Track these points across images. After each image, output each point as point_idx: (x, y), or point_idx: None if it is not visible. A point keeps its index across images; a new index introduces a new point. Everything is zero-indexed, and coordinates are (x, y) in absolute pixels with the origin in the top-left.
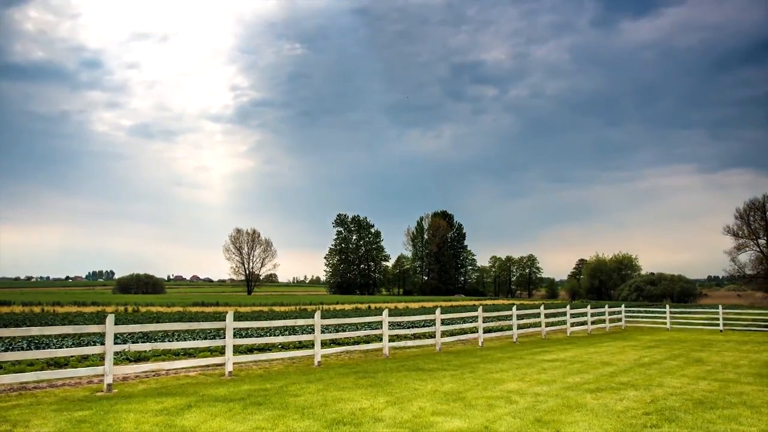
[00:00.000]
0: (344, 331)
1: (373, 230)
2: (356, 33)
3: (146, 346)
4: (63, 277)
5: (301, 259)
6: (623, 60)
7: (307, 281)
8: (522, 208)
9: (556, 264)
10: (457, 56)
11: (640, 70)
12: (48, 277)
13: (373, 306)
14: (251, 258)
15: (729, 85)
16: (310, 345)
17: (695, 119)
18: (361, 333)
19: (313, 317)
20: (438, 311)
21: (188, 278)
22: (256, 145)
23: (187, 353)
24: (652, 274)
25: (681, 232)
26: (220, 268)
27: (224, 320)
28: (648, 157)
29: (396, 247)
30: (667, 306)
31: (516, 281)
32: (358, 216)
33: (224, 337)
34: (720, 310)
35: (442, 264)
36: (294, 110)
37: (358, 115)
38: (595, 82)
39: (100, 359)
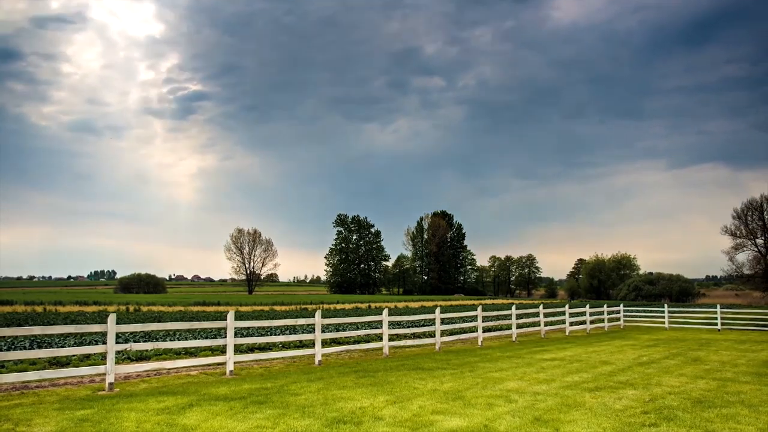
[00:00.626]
0: (344, 330)
1: (373, 230)
2: (280, 20)
3: (148, 346)
4: (65, 276)
5: (299, 259)
6: (561, 44)
7: (307, 281)
8: (497, 206)
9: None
10: (394, 44)
11: (582, 54)
12: (50, 277)
13: (373, 305)
14: (252, 258)
15: (677, 71)
16: (310, 344)
17: (651, 110)
18: (362, 332)
19: (314, 317)
20: (438, 311)
21: (189, 278)
22: (209, 142)
23: (189, 352)
24: (651, 273)
25: (663, 231)
26: (222, 267)
27: (225, 320)
28: (616, 152)
29: (395, 247)
30: (666, 305)
31: (515, 281)
32: (358, 216)
33: (225, 337)
34: (718, 309)
35: (441, 264)
36: (238, 104)
37: (308, 110)
38: (540, 70)
39: (102, 358)
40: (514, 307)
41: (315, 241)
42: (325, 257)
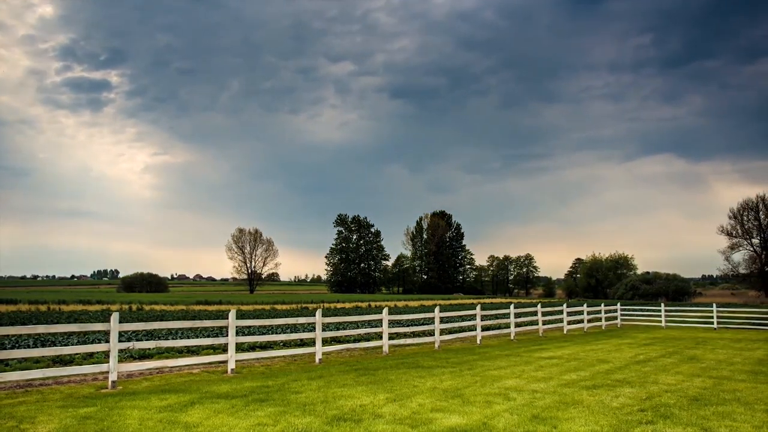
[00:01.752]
0: (345, 329)
1: (373, 230)
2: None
3: (150, 344)
4: (68, 276)
5: (297, 259)
6: (469, 24)
7: (308, 280)
8: (451, 202)
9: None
10: (298, 28)
11: (486, 33)
12: (53, 276)
13: (373, 304)
14: (253, 257)
15: (597, 45)
16: (311, 343)
17: (580, 94)
18: (362, 331)
19: (315, 316)
20: (437, 310)
21: (191, 277)
22: (137, 137)
23: (191, 351)
24: (648, 273)
25: (630, 228)
26: (223, 267)
27: (227, 318)
28: (564, 143)
29: (395, 246)
30: (662, 304)
31: (513, 280)
32: (358, 216)
33: (227, 335)
34: (714, 308)
35: (440, 263)
36: (148, 96)
37: (231, 101)
38: (455, 53)
39: (105, 357)
40: (512, 306)
41: (309, 240)
42: (326, 257)
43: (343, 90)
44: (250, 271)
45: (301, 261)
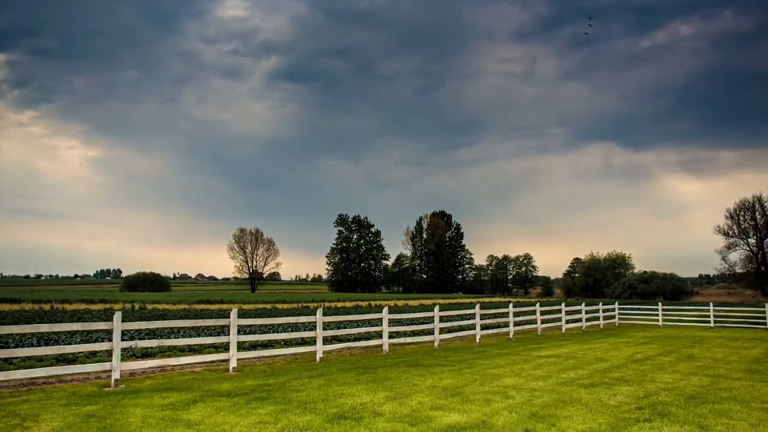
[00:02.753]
0: (345, 328)
1: (373, 230)
2: None
3: (153, 343)
4: (71, 275)
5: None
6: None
7: (309, 279)
8: (397, 197)
9: None
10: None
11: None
12: (57, 275)
13: (373, 303)
14: (254, 257)
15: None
16: (312, 341)
17: (498, 68)
18: (362, 330)
19: (315, 315)
20: (436, 309)
21: (193, 276)
22: (49, 131)
23: (193, 349)
24: (645, 272)
25: (577, 226)
26: (225, 266)
27: (228, 317)
28: (489, 134)
29: (394, 246)
30: (660, 303)
31: (512, 279)
32: (358, 216)
33: (228, 334)
34: (711, 307)
35: (440, 263)
36: (48, 89)
37: (144, 92)
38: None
39: (108, 355)
40: (511, 306)
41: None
42: (326, 256)
43: (236, 75)
44: (251, 270)
45: (298, 261)
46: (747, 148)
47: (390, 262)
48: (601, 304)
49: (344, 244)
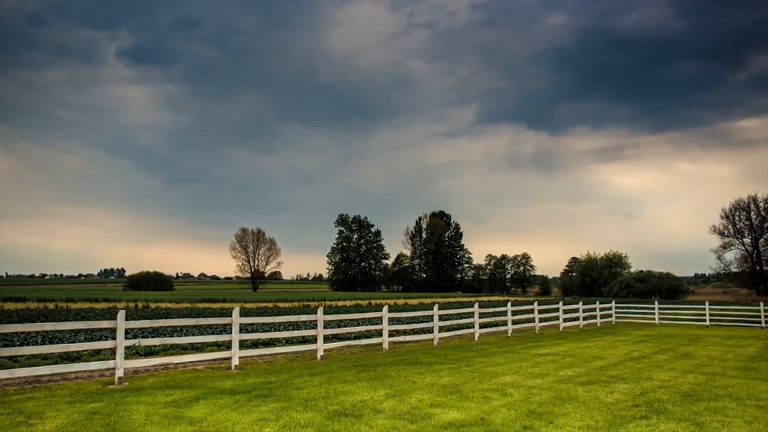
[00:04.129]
0: (346, 326)
1: (373, 230)
2: None
3: (156, 341)
4: (76, 274)
5: (299, 258)
6: None
7: (310, 279)
8: (319, 195)
9: None
10: None
11: None
12: (61, 275)
13: (373, 302)
14: (256, 256)
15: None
16: (312, 340)
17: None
18: (362, 328)
19: (316, 313)
20: (436, 307)
21: (196, 276)
22: None
23: (195, 348)
24: (641, 271)
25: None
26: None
27: (231, 316)
28: (401, 121)
29: (395, 245)
30: (656, 302)
31: (511, 278)
32: (358, 216)
33: (231, 333)
34: (707, 306)
35: (439, 262)
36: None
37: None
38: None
39: (112, 353)
40: (509, 304)
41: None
42: (327, 256)
43: (87, 57)
44: (253, 269)
45: (298, 261)
46: (670, 131)
47: (390, 262)
48: (598, 302)
49: (345, 244)
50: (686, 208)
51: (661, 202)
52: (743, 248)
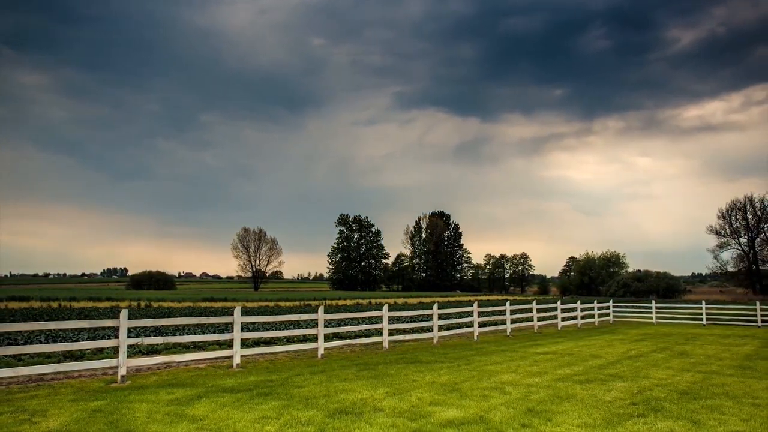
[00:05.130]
0: (346, 325)
1: (373, 229)
2: None
3: (158, 340)
4: (79, 273)
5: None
6: None
7: (310, 278)
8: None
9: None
10: None
11: None
12: (64, 274)
13: (373, 301)
14: (258, 256)
15: None
16: (313, 338)
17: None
18: (362, 327)
19: (317, 312)
20: (435, 307)
21: (198, 275)
22: None
23: (197, 346)
24: (639, 271)
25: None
26: (229, 265)
27: (232, 315)
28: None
29: (395, 244)
30: (653, 301)
31: (509, 278)
32: (359, 216)
33: (232, 331)
34: (703, 305)
35: (439, 261)
36: None
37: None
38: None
39: (115, 352)
40: (508, 303)
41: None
42: (328, 255)
43: None
44: (254, 269)
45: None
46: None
47: (390, 261)
48: (596, 302)
49: (345, 244)
50: (651, 205)
51: (625, 198)
52: (739, 248)
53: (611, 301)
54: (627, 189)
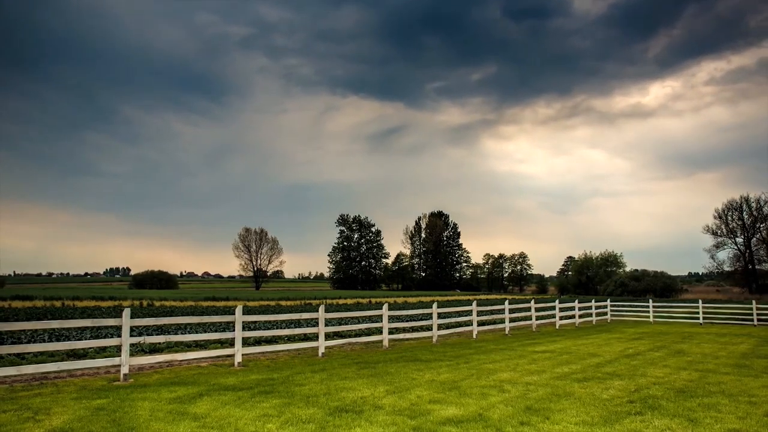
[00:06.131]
0: (346, 324)
1: (373, 229)
2: None
3: (160, 339)
4: (82, 273)
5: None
6: None
7: (311, 277)
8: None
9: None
10: None
11: None
12: (68, 274)
13: (373, 300)
14: (259, 255)
15: None
16: (314, 337)
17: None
18: (363, 326)
19: (318, 311)
20: (435, 306)
21: (200, 274)
22: None
23: (199, 345)
24: (636, 270)
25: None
26: (230, 265)
27: (234, 314)
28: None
29: (394, 244)
30: (650, 300)
31: (508, 277)
32: (359, 216)
33: (234, 330)
34: (700, 304)
35: (438, 261)
36: None
37: None
38: None
39: (117, 351)
40: (507, 303)
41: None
42: (328, 255)
43: None
44: (256, 268)
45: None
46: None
47: (390, 261)
48: (593, 301)
49: (345, 243)
50: (615, 202)
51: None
52: (736, 248)
53: (609, 300)
54: (584, 185)
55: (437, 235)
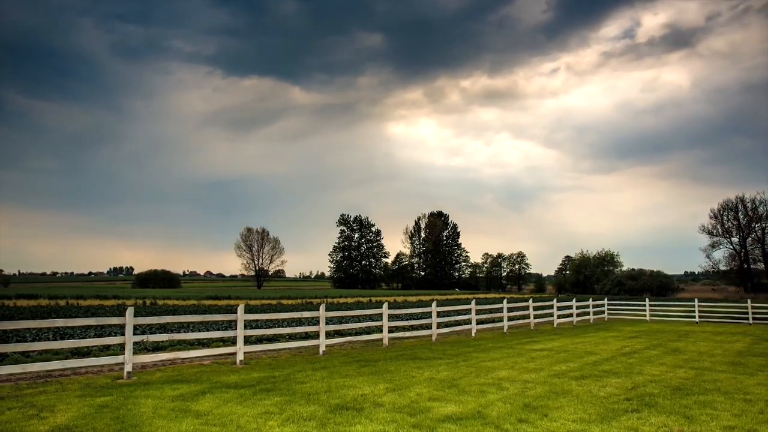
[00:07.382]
0: (347, 322)
1: (374, 229)
2: None
3: (163, 337)
4: (86, 272)
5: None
6: None
7: (312, 276)
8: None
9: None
10: None
11: None
12: (72, 273)
13: (373, 299)
14: (261, 255)
15: None
16: (315, 336)
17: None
18: (363, 324)
19: (318, 310)
20: (434, 304)
21: (202, 274)
22: None
23: (202, 343)
24: (633, 269)
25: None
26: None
27: (236, 313)
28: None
29: (394, 244)
30: (647, 299)
31: (506, 276)
32: (359, 216)
33: (236, 329)
34: (696, 303)
35: (438, 260)
36: None
37: None
38: None
39: (121, 349)
40: (505, 301)
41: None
42: (329, 254)
43: None
44: (257, 268)
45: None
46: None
47: (390, 260)
48: (591, 299)
49: (346, 243)
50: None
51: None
52: (731, 247)
53: (606, 299)
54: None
55: (437, 235)
